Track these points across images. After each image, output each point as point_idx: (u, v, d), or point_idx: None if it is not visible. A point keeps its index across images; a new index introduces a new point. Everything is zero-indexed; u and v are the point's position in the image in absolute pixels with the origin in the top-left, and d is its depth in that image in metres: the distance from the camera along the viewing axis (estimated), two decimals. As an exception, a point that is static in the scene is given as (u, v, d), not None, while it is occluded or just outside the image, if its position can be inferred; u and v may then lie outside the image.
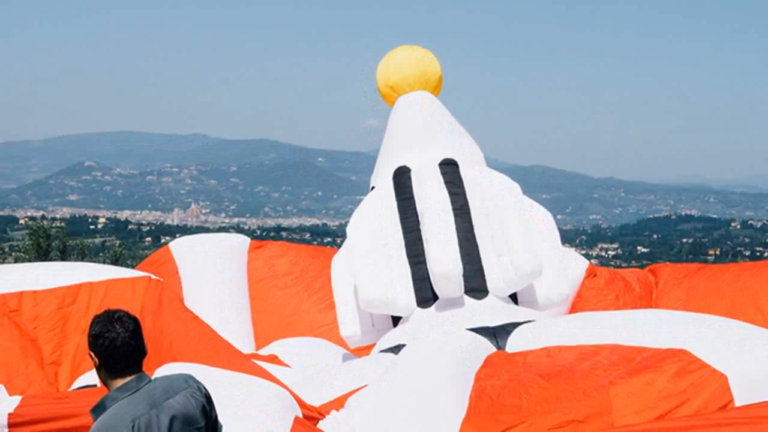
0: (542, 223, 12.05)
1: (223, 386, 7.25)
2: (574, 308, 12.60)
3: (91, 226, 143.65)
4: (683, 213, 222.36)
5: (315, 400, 8.63)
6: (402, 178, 12.07)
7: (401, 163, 12.22)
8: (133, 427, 5.27)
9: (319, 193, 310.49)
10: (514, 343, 10.03)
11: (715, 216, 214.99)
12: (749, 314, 11.47)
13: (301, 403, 8.02)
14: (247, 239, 14.87)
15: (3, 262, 30.96)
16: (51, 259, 33.23)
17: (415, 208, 11.74)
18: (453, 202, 11.60)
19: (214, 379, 6.96)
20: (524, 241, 11.46)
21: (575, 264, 13.20)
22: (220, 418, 5.84)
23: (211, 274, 13.62)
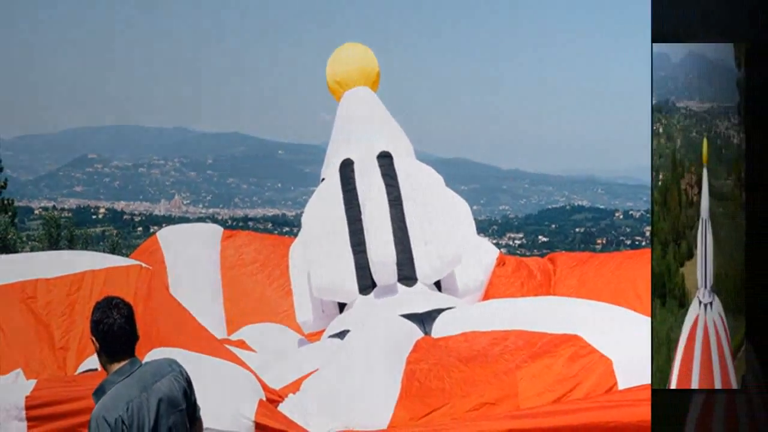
0: (462, 213, 11.75)
1: (201, 370, 7.05)
2: (486, 295, 12.12)
3: (93, 216, 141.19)
4: (576, 204, 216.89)
5: (275, 384, 8.40)
6: (347, 170, 11.61)
7: (346, 156, 11.75)
8: (127, 409, 5.18)
9: (279, 185, 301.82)
10: (438, 329, 9.75)
11: (602, 207, 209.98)
12: (630, 300, 11.13)
13: (264, 387, 7.86)
14: (221, 229, 14.36)
15: (21, 251, 30.50)
16: (60, 248, 32.70)
17: (358, 199, 11.33)
18: (388, 194, 11.18)
19: (193, 363, 6.71)
20: (448, 231, 11.09)
21: (488, 253, 12.62)
22: (198, 401, 5.72)
23: (190, 262, 13.19)
